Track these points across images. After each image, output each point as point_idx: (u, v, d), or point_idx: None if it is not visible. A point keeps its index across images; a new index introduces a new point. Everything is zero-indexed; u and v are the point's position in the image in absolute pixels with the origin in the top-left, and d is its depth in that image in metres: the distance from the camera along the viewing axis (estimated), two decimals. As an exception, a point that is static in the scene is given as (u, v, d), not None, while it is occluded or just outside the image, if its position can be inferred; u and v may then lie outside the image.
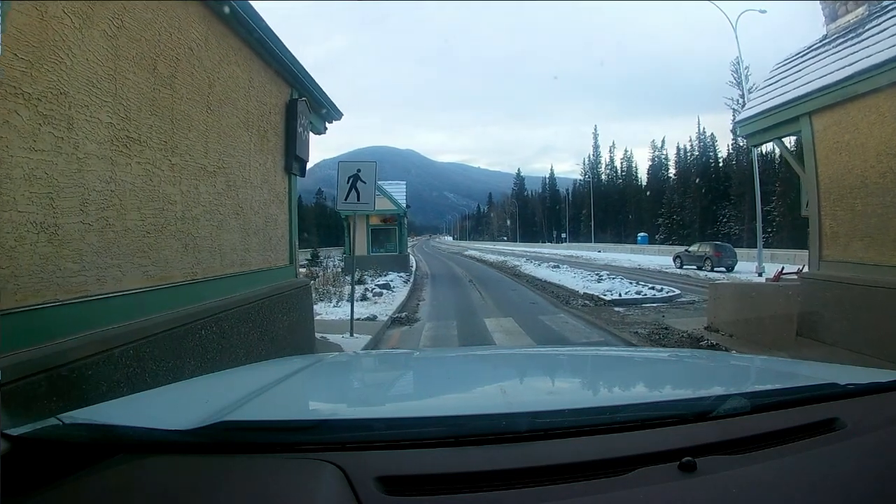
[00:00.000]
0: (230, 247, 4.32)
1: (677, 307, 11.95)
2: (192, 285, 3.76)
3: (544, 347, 4.83)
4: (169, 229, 3.55)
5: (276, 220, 5.26)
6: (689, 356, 2.48)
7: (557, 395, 1.48)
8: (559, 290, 15.34)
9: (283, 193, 5.50)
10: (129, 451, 0.93)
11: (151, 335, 3.12)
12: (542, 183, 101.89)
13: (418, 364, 2.06)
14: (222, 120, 4.29)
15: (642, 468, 0.87)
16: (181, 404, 1.29)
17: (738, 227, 52.52)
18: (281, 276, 5.37)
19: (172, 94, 3.65)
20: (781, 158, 51.03)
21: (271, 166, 5.20)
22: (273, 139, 5.28)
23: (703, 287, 16.41)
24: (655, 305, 12.11)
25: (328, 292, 13.37)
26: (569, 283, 16.49)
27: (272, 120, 5.28)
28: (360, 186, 7.72)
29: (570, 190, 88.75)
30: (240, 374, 1.80)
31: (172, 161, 3.61)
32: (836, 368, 1.71)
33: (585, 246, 57.46)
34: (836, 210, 6.32)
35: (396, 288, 15.90)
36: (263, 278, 4.92)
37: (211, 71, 4.14)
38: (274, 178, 5.26)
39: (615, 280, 15.93)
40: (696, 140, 62.34)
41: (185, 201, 3.74)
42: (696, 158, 61.52)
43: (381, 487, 0.81)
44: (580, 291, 14.17)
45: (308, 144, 5.97)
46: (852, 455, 0.95)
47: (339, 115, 7.24)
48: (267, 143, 5.14)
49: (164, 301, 3.39)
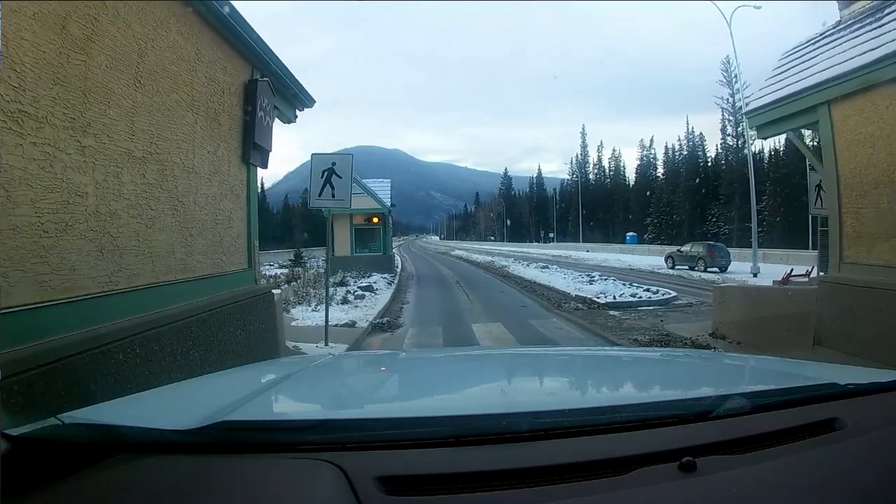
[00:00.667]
0: (166, 249, 3.58)
1: (675, 310, 11.38)
2: (110, 297, 3.02)
3: (544, 348, 4.67)
4: (77, 228, 2.83)
5: (231, 218, 4.53)
6: (688, 356, 2.46)
7: (558, 395, 1.47)
8: (550, 293, 14.71)
9: (240, 186, 4.77)
10: (129, 450, 0.92)
11: (44, 365, 2.40)
12: (529, 183, 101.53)
13: (418, 364, 2.05)
14: (157, 97, 3.55)
15: (642, 468, 0.86)
16: (181, 404, 1.30)
17: (728, 226, 52.66)
18: (236, 283, 4.65)
19: (87, 60, 2.92)
20: (770, 157, 51.27)
21: (224, 154, 4.48)
22: (227, 123, 4.56)
23: (698, 288, 16.02)
24: (652, 308, 11.53)
25: (308, 295, 12.63)
26: (559, 284, 15.87)
27: (226, 101, 4.55)
28: (336, 181, 7.00)
29: (557, 190, 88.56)
30: (240, 374, 1.82)
31: (84, 143, 2.89)
32: (836, 368, 1.70)
33: (573, 246, 56.95)
34: (859, 208, 5.74)
35: (380, 290, 15.17)
36: (212, 286, 4.20)
37: (142, 38, 3.41)
38: (227, 169, 4.53)
39: (608, 281, 15.34)
40: (684, 139, 62.31)
41: (102, 193, 3.01)
42: (685, 158, 61.44)
43: (382, 487, 0.81)
44: (572, 293, 13.56)
45: (271, 132, 5.24)
46: (852, 455, 0.95)
47: (310, 101, 6.51)
48: (219, 128, 4.42)
49: (66, 318, 2.67)
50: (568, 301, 12.79)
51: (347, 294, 13.30)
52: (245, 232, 4.84)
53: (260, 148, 4.95)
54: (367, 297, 13.36)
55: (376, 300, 13.00)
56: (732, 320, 7.72)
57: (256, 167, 5.05)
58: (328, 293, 7.81)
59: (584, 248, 53.25)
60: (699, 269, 23.07)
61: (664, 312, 11.04)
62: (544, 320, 10.30)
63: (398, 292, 15.87)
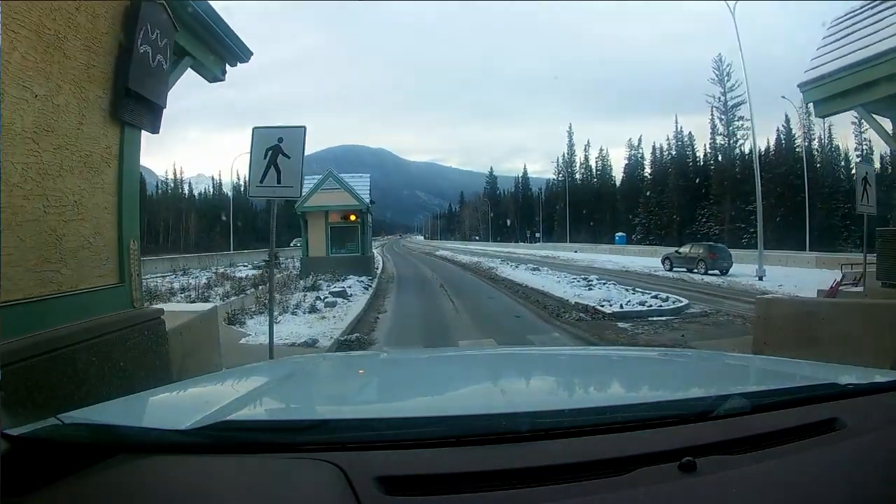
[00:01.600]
0: None
1: (691, 321, 9.89)
2: None
3: (544, 348, 4.46)
4: None
5: (80, 204, 2.83)
6: (689, 356, 2.40)
7: (558, 395, 1.46)
8: (545, 299, 13.11)
9: (106, 155, 3.06)
10: (129, 450, 0.91)
11: None
12: (513, 183, 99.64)
13: (419, 364, 2.02)
14: None
15: (643, 468, 0.85)
16: (181, 404, 1.30)
17: (718, 226, 52.00)
18: (96, 307, 2.97)
19: None
20: (762, 156, 50.50)
21: (72, 104, 2.80)
22: (82, 57, 2.88)
23: (707, 294, 14.63)
24: (665, 319, 10.00)
25: (274, 301, 10.93)
26: (555, 289, 14.30)
27: (82, 25, 2.88)
28: (283, 163, 5.29)
29: (542, 189, 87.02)
30: (240, 374, 1.82)
31: None
32: (836, 368, 1.70)
33: (560, 246, 55.31)
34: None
35: (354, 296, 13.48)
36: (41, 315, 2.54)
37: None
38: (79, 126, 2.84)
39: (608, 286, 13.77)
40: (672, 139, 61.20)
41: None
42: (674, 158, 60.50)
43: (381, 487, 0.80)
44: (570, 301, 12.01)
45: (166, 81, 3.53)
46: (852, 455, 0.95)
47: (245, 53, 4.84)
48: (65, 62, 2.75)
49: None
50: (568, 310, 11.23)
51: (317, 301, 11.62)
52: (115, 226, 3.12)
53: (143, 100, 3.25)
54: (339, 304, 11.69)
55: (349, 308, 11.32)
56: (781, 339, 6.21)
57: (137, 128, 3.34)
58: (272, 308, 6.08)
59: (571, 248, 51.72)
60: (699, 272, 21.54)
61: (680, 324, 9.54)
62: (544, 335, 8.74)
63: (375, 298, 14.16)
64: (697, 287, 17.02)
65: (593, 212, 68.10)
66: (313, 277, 16.09)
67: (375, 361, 2.22)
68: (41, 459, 0.89)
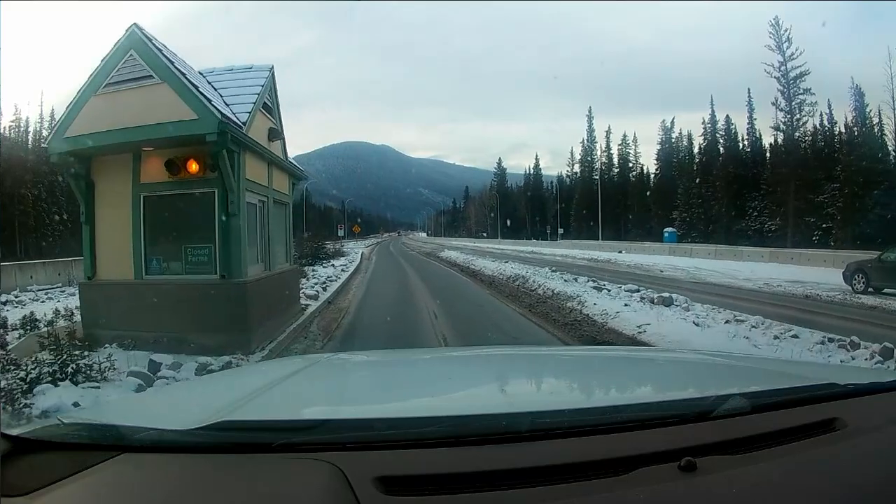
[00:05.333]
0: None
1: None
2: None
3: (543, 348, 4.41)
4: None
5: None
6: (689, 356, 2.36)
7: (558, 395, 1.45)
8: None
9: None
10: (129, 450, 0.91)
11: None
12: (524, 177, 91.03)
13: (418, 364, 2.02)
14: None
15: (643, 468, 0.85)
16: (181, 404, 1.32)
17: (773, 221, 42.60)
18: None
19: None
20: (832, 135, 40.71)
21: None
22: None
23: None
24: None
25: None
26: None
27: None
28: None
29: (554, 183, 79.81)
30: (240, 374, 1.89)
31: None
32: (836, 368, 1.52)
33: (588, 244, 44.89)
34: None
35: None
36: None
37: None
38: None
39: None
40: (709, 125, 51.52)
41: None
42: (712, 145, 51.20)
43: (381, 487, 0.80)
44: None
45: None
46: (852, 455, 0.94)
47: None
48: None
49: None
50: None
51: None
52: None
53: None
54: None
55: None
56: None
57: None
58: None
59: (605, 246, 41.86)
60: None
61: None
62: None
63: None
64: None
65: (616, 206, 58.83)
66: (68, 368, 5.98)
67: (375, 361, 2.13)
68: (41, 459, 0.89)
